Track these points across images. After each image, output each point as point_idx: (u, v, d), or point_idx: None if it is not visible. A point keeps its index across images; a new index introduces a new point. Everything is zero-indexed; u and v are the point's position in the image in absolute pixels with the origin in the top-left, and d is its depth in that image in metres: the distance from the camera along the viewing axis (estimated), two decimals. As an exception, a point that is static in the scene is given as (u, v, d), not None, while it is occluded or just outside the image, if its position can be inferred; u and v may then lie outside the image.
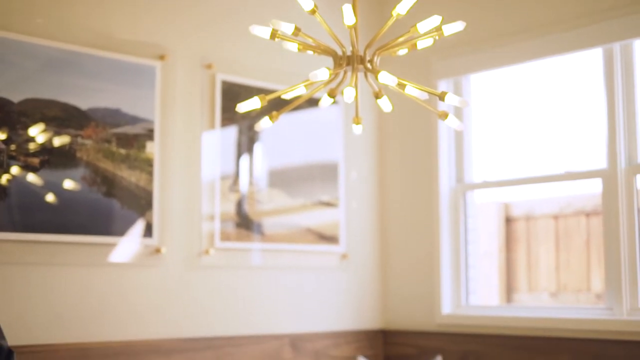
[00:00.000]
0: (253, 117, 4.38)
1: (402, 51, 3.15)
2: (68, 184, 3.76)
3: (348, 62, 3.07)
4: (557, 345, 4.21)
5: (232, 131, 4.43)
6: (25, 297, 3.63)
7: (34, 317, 3.65)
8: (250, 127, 4.46)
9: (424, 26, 3.01)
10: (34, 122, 3.68)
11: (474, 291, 4.85)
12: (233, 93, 4.39)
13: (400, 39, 3.09)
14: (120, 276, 3.94)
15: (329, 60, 3.14)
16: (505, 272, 6.79)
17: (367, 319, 4.98)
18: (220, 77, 4.38)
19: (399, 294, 5.00)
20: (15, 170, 3.60)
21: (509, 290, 6.79)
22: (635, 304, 4.00)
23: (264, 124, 3.26)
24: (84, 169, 3.82)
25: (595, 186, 4.53)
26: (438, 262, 4.78)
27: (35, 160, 3.67)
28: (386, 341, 5.00)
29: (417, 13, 3.56)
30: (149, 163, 4.05)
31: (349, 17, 2.98)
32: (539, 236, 6.65)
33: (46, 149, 3.71)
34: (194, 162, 4.26)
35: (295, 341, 4.57)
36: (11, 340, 3.54)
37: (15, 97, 3.64)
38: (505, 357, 4.41)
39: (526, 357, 4.32)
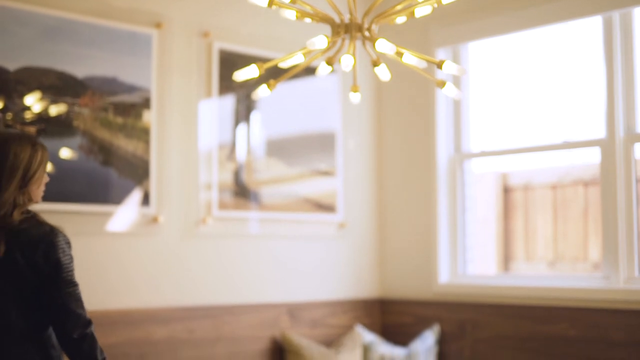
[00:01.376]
0: (250, 85, 4.36)
1: (401, 19, 3.12)
2: (65, 153, 3.75)
3: (346, 29, 3.05)
4: (554, 313, 4.22)
5: (230, 100, 4.42)
6: (23, 266, 3.63)
7: (32, 285, 3.65)
8: (248, 96, 4.45)
9: (422, -7, 2.99)
10: (30, 90, 3.66)
11: (471, 260, 4.86)
12: (230, 61, 4.37)
13: (399, 7, 3.06)
14: (117, 245, 3.94)
15: (327, 28, 3.12)
16: (502, 242, 6.81)
17: (364, 288, 5.00)
18: (218, 45, 4.35)
19: (397, 263, 5.02)
20: (11, 138, 3.58)
21: (506, 259, 6.81)
22: (632, 273, 4.02)
23: (261, 92, 3.25)
24: (81, 138, 3.81)
25: (593, 155, 4.53)
26: (435, 231, 4.79)
27: (32, 129, 3.65)
28: (383, 310, 5.02)
29: (416, -20, 3.53)
30: (146, 132, 4.03)
31: (346, -16, 2.95)
32: (536, 206, 6.66)
33: (43, 118, 3.69)
34: (191, 131, 4.25)
35: (293, 310, 4.59)
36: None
37: (11, 66, 3.62)
38: (502, 325, 4.43)
39: (523, 326, 4.34)
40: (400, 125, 5.04)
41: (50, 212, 3.71)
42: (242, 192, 4.43)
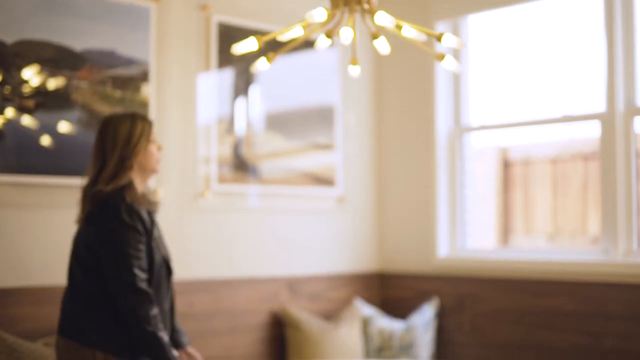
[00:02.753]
0: (249, 59, 4.34)
1: (400, -9, 3.10)
2: (63, 127, 3.74)
3: (345, 2, 3.03)
4: (552, 287, 4.24)
5: (229, 73, 4.40)
6: (22, 239, 3.64)
7: (32, 259, 3.66)
8: (247, 70, 4.43)
9: (422, -35, 2.97)
10: (28, 63, 3.64)
11: (471, 234, 4.87)
12: (229, 34, 4.34)
13: (398, -21, 3.04)
14: (117, 219, 3.94)
15: (326, 1, 3.10)
16: (502, 216, 6.82)
17: (363, 262, 5.01)
18: (216, 18, 4.32)
19: (396, 237, 5.02)
20: (10, 112, 3.58)
21: (506, 233, 6.82)
22: (631, 246, 4.02)
23: (260, 65, 3.24)
24: (79, 112, 3.80)
25: (593, 129, 4.52)
26: (435, 205, 4.79)
27: (30, 103, 3.65)
28: (383, 284, 5.03)
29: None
30: (144, 105, 4.02)
31: (346, -45, 2.93)
32: (536, 180, 6.66)
33: (41, 91, 3.68)
34: (189, 105, 4.23)
35: (292, 284, 4.60)
36: (9, 282, 3.57)
37: (9, 38, 3.60)
38: (501, 299, 4.45)
39: (522, 300, 4.35)
40: (400, 98, 5.03)
41: (49, 186, 3.71)
42: (241, 166, 4.42)
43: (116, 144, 2.99)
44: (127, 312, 2.82)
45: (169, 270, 3.05)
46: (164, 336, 2.83)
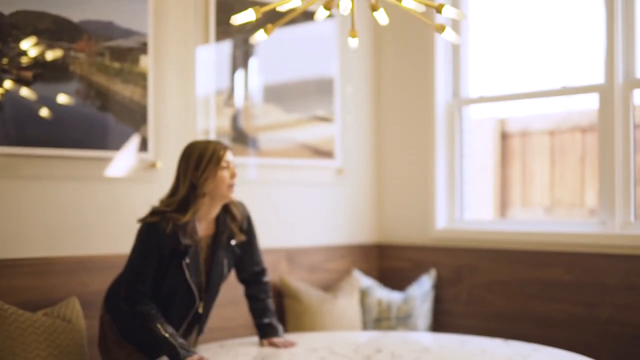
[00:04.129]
0: (248, 30, 4.32)
1: (400, -38, 3.08)
2: (62, 98, 3.74)
3: (344, -27, 3.01)
4: (550, 258, 4.26)
5: (227, 45, 4.38)
6: (21, 211, 3.65)
7: (30, 230, 3.67)
8: (245, 41, 4.41)
9: (421, -64, 2.95)
10: (26, 35, 3.63)
11: (469, 206, 4.89)
12: (227, 6, 4.32)
13: (398, -51, 3.02)
14: (116, 190, 3.95)
15: (325, -29, 3.08)
16: (499, 188, 6.84)
17: (362, 234, 5.03)
18: (214, -11, 4.30)
19: (394, 209, 5.04)
20: (8, 84, 3.57)
21: (503, 205, 6.84)
22: (628, 218, 4.04)
23: (258, 37, 3.23)
24: (78, 83, 3.79)
25: (591, 102, 4.51)
26: (433, 176, 4.80)
27: (28, 74, 3.64)
28: (381, 255, 5.06)
29: None
30: (143, 77, 4.01)
31: None
32: (534, 152, 6.67)
33: (39, 63, 3.67)
34: (188, 76, 4.22)
35: (291, 255, 4.62)
36: (7, 254, 3.59)
37: (6, 9, 3.58)
38: (499, 270, 4.47)
39: (519, 271, 4.38)
40: (399, 70, 5.02)
41: (48, 157, 3.71)
42: (239, 138, 4.42)
43: (187, 169, 3.22)
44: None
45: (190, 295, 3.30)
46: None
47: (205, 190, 3.21)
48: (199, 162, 3.20)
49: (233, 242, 3.37)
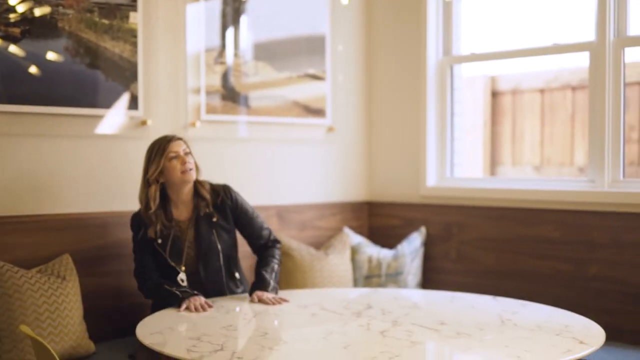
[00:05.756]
0: (238, -13, 4.29)
1: None
2: (51, 55, 3.71)
3: None
4: (539, 216, 4.29)
5: (217, 2, 4.35)
6: (11, 168, 3.64)
7: (21, 188, 3.67)
8: (235, -2, 4.38)
9: None
10: (14, -10, 3.59)
11: (459, 164, 4.90)
12: (217, -38, 4.28)
13: None
14: (106, 148, 3.95)
15: None
16: (490, 146, 6.86)
17: (352, 191, 5.05)
18: (204, -55, 4.26)
19: (385, 166, 5.05)
20: (-4, 40, 3.54)
21: (493, 163, 6.87)
22: (617, 176, 4.07)
23: (249, -7, 3.21)
24: (67, 40, 3.76)
25: (582, 60, 4.51)
26: (424, 134, 4.81)
27: (16, 31, 3.61)
28: (371, 213, 5.08)
29: None
30: (132, 34, 3.98)
31: None
32: (524, 110, 6.68)
33: (27, 19, 3.63)
34: (178, 34, 4.20)
35: (282, 212, 4.64)
36: None
37: (-7, -35, 3.54)
38: (488, 228, 4.51)
39: (508, 228, 4.41)
40: (390, 27, 4.99)
41: (38, 114, 3.70)
42: (230, 95, 4.41)
43: (145, 169, 3.64)
44: None
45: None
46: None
47: (163, 180, 3.61)
48: (149, 158, 3.61)
49: (214, 220, 3.70)
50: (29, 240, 3.64)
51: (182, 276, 3.62)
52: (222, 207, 3.74)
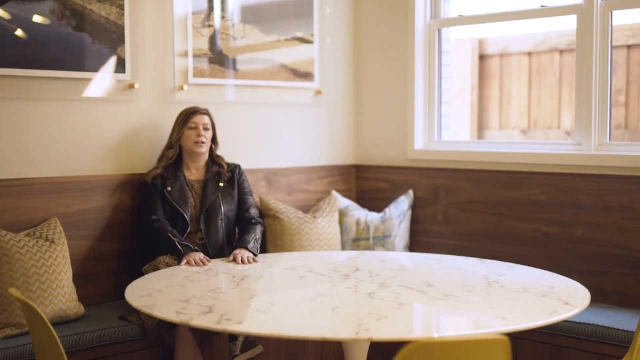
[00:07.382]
0: (225, -52, 4.25)
1: None
2: (37, 18, 3.68)
3: None
4: (525, 179, 4.31)
5: (204, -36, 4.31)
6: (-1, 133, 3.63)
7: (8, 152, 3.66)
8: (223, -40, 4.34)
9: None
10: (-2, -48, 3.55)
11: (447, 127, 4.91)
12: None
13: None
14: (94, 111, 3.93)
15: None
16: (477, 109, 6.86)
17: (340, 155, 5.06)
18: None
19: (373, 130, 5.06)
20: (-19, 3, 3.51)
21: (481, 127, 6.88)
22: (604, 139, 4.09)
23: (236, -45, 3.18)
24: (53, 2, 3.73)
25: (570, 23, 4.51)
26: (412, 98, 4.81)
27: (2, -6, 3.57)
28: (359, 176, 5.10)
29: None
30: (119, -4, 3.95)
31: None
32: (512, 73, 6.68)
33: (12, -19, 3.60)
34: (165, -4, 4.16)
35: (270, 176, 4.65)
36: (-12, 175, 3.57)
37: None
38: (475, 190, 4.53)
39: (495, 191, 4.44)
40: (378, -10, 4.97)
41: (25, 78, 3.68)
42: (218, 59, 4.39)
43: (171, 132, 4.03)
44: None
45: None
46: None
47: (181, 144, 3.98)
48: (175, 124, 4.00)
49: (221, 184, 4.00)
50: (16, 204, 3.64)
51: (187, 217, 3.87)
52: (232, 179, 4.08)
